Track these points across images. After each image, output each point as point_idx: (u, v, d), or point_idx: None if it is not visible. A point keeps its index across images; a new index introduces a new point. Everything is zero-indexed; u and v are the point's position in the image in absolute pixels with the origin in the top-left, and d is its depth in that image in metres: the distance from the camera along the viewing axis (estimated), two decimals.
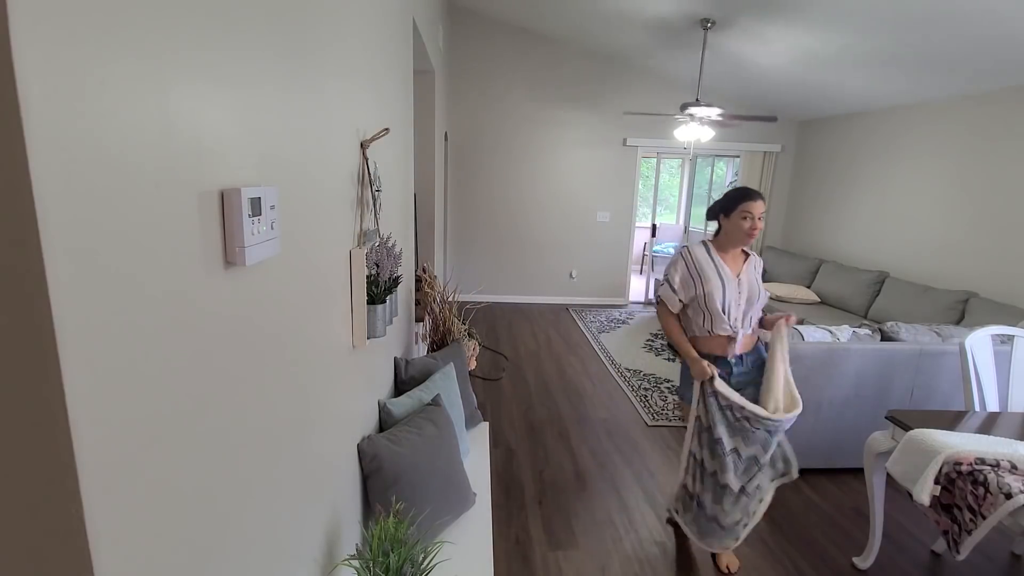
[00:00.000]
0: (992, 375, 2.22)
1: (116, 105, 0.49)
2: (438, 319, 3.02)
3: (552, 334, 5.22)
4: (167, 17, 0.56)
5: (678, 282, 2.11)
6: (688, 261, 2.11)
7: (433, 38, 3.67)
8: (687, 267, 2.11)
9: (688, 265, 2.11)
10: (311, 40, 1.04)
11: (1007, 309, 3.53)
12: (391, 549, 1.13)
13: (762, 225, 2.03)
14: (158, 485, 0.57)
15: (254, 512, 0.81)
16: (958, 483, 1.65)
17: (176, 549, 0.60)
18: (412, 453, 1.56)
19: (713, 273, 2.06)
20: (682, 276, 2.11)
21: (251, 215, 0.73)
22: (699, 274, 2.08)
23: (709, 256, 2.11)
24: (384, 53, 1.85)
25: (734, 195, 2.05)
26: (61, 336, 0.43)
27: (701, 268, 2.07)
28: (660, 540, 2.30)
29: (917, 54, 3.60)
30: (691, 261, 2.11)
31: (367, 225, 1.55)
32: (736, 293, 2.06)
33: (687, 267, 2.11)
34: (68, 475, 0.45)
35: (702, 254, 2.11)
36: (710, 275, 2.07)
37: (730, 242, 2.09)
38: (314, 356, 1.11)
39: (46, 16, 0.41)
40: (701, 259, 2.10)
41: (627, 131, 6.07)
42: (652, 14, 4.21)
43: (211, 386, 0.68)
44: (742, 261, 2.14)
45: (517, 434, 3.20)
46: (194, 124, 0.62)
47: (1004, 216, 3.81)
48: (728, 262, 2.10)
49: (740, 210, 2.00)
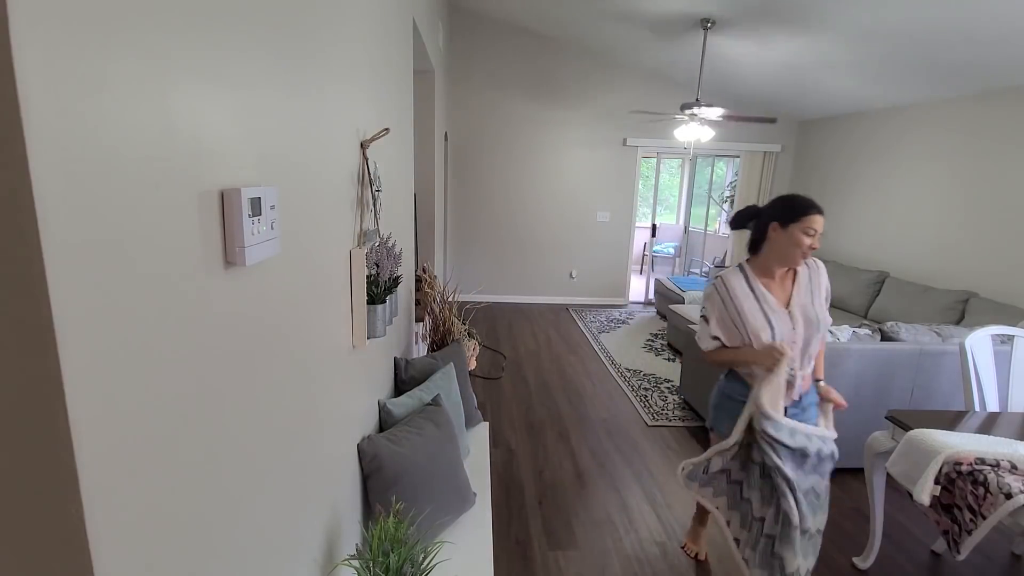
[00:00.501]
0: (992, 375, 2.22)
1: (116, 105, 0.49)
2: (438, 319, 3.02)
3: (552, 334, 5.22)
4: (167, 17, 0.56)
5: (715, 323, 1.77)
6: (724, 298, 1.72)
7: (433, 38, 3.67)
8: (724, 305, 1.73)
9: (725, 303, 1.73)
10: (311, 40, 1.04)
11: (1007, 309, 3.53)
12: (391, 549, 1.13)
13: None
14: (158, 485, 0.57)
15: (254, 512, 0.81)
16: (958, 483, 1.65)
17: (176, 549, 0.60)
18: (412, 453, 1.56)
19: (755, 311, 1.68)
20: (720, 317, 1.75)
21: (251, 215, 0.73)
22: (738, 314, 1.69)
23: (749, 287, 1.71)
24: (384, 53, 1.85)
25: (799, 203, 1.64)
26: (61, 336, 0.43)
27: (740, 307, 1.69)
28: (660, 540, 2.30)
29: (917, 56, 3.60)
30: (727, 298, 1.71)
31: (367, 225, 1.55)
32: (788, 329, 1.68)
33: (724, 305, 1.73)
34: (68, 475, 0.45)
35: (739, 286, 1.71)
36: (752, 315, 1.68)
37: (778, 260, 1.69)
38: (314, 356, 1.11)
39: (46, 16, 0.41)
40: (739, 294, 1.70)
41: (627, 131, 6.07)
42: (652, 14, 4.21)
43: (211, 386, 0.68)
44: (790, 282, 1.75)
45: (517, 434, 3.20)
46: (194, 124, 0.62)
47: (1004, 216, 3.81)
48: (774, 288, 1.72)
49: (804, 223, 1.61)
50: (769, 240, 1.69)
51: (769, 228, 1.68)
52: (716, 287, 1.75)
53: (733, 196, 7.12)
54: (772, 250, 1.69)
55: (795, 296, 1.72)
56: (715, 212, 8.05)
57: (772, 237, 1.68)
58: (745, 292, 1.71)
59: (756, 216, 1.75)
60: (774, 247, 1.68)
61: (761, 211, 1.72)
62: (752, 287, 1.70)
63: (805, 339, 1.70)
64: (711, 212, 7.76)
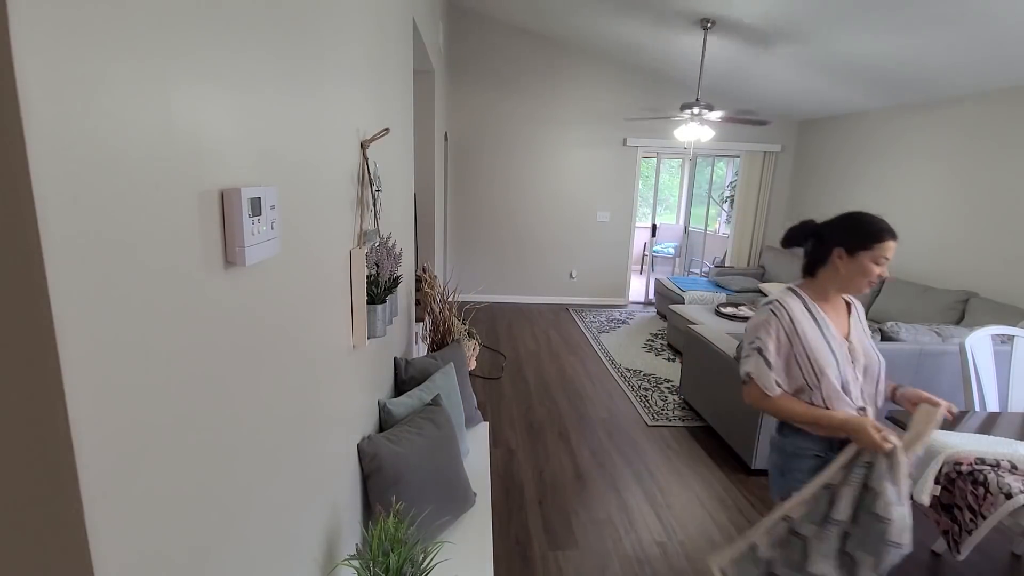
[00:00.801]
0: (992, 375, 2.22)
1: (116, 105, 0.49)
2: (438, 319, 3.02)
3: (552, 334, 5.22)
4: (167, 17, 0.56)
5: (773, 353, 1.45)
6: (787, 326, 1.45)
7: (433, 38, 3.67)
8: (787, 336, 1.45)
9: (789, 333, 1.45)
10: (311, 40, 1.04)
11: (1007, 309, 3.53)
12: (391, 549, 1.13)
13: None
14: (158, 485, 0.57)
15: (254, 512, 0.81)
16: (958, 483, 1.65)
17: (176, 549, 0.60)
18: (412, 453, 1.56)
19: (820, 341, 1.44)
20: (778, 350, 1.46)
21: (251, 215, 0.73)
22: (803, 344, 1.43)
23: (809, 313, 1.47)
24: (384, 53, 1.85)
25: (871, 228, 1.41)
26: (61, 336, 0.43)
27: (804, 336, 1.44)
28: (660, 540, 2.30)
29: (918, 55, 3.60)
30: (790, 327, 1.45)
31: (367, 225, 1.55)
32: (848, 363, 1.45)
33: (787, 336, 1.45)
34: (68, 475, 0.45)
35: (800, 310, 1.46)
36: (816, 345, 1.43)
37: (838, 288, 1.49)
38: (314, 356, 1.11)
39: (46, 16, 0.41)
40: (801, 320, 1.45)
41: (627, 131, 6.07)
42: (652, 14, 4.21)
43: (211, 386, 0.68)
44: (845, 313, 1.54)
45: (517, 434, 3.20)
46: (194, 124, 0.62)
47: (1004, 216, 3.81)
48: (832, 317, 1.49)
49: (876, 251, 1.40)
50: (831, 265, 1.46)
51: (833, 254, 1.46)
52: (775, 312, 1.46)
53: (733, 196, 7.12)
54: (833, 277, 1.47)
55: (852, 330, 1.50)
56: (715, 212, 8.05)
57: (836, 264, 1.45)
58: (807, 318, 1.46)
59: (816, 235, 1.51)
60: (837, 275, 1.46)
61: (822, 231, 1.49)
62: (813, 314, 1.47)
63: (867, 375, 1.48)
64: (711, 212, 7.76)
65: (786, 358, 1.46)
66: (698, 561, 2.18)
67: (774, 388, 1.46)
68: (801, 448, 1.52)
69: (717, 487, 2.71)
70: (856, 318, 1.55)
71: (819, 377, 1.43)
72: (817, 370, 1.43)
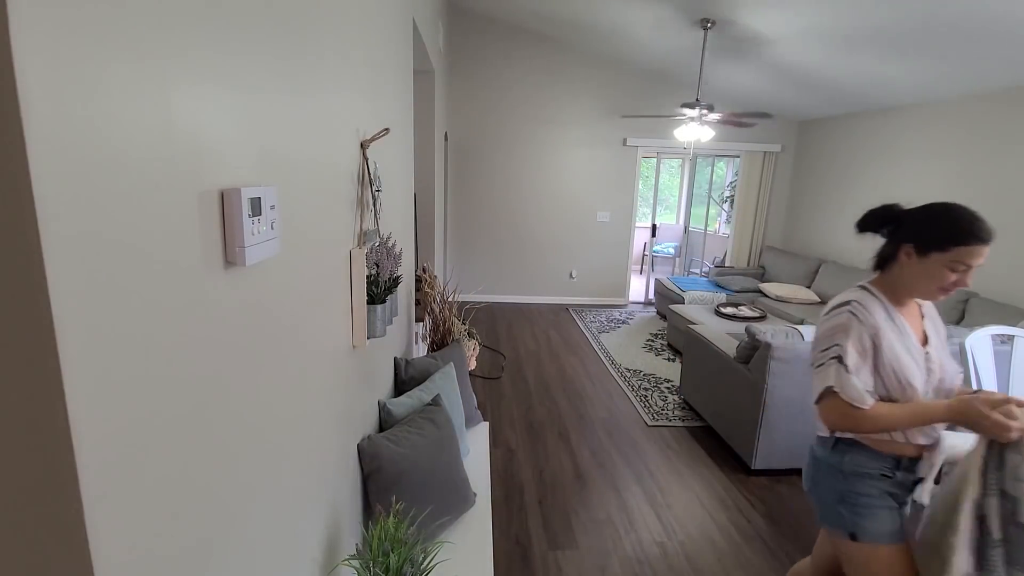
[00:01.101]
0: (992, 375, 2.22)
1: (116, 105, 0.49)
2: (438, 319, 3.02)
3: (552, 334, 5.22)
4: (167, 17, 0.56)
5: (857, 360, 1.24)
6: (869, 328, 1.24)
7: (433, 38, 3.67)
8: (869, 338, 1.24)
9: (871, 335, 1.24)
10: (311, 40, 1.04)
11: (1007, 309, 3.53)
12: (391, 549, 1.13)
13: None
14: (158, 485, 0.57)
15: (254, 512, 0.81)
16: None
17: (176, 549, 0.60)
18: (412, 453, 1.56)
19: (901, 347, 1.25)
20: (863, 354, 1.24)
21: (251, 215, 0.73)
22: (888, 353, 1.23)
23: (890, 317, 1.27)
24: (384, 53, 1.85)
25: (955, 225, 1.19)
26: (61, 336, 0.43)
27: (891, 344, 1.24)
28: (660, 540, 2.30)
29: (917, 40, 3.60)
30: (874, 331, 1.24)
31: (367, 225, 1.55)
32: (924, 373, 1.26)
33: (869, 338, 1.24)
34: (68, 475, 0.45)
35: (880, 313, 1.26)
36: (900, 351, 1.24)
37: (907, 291, 1.28)
38: (314, 356, 1.11)
39: (46, 16, 0.41)
40: (882, 326, 1.25)
41: (627, 131, 6.07)
42: (652, 14, 4.21)
43: (211, 386, 0.68)
44: (919, 317, 1.34)
45: (517, 434, 3.20)
46: (194, 124, 0.62)
47: (1004, 216, 3.81)
48: (909, 321, 1.30)
49: (955, 253, 1.18)
50: (898, 263, 1.27)
51: (901, 250, 1.26)
52: (855, 314, 1.24)
53: (733, 196, 7.12)
54: (899, 277, 1.27)
55: (929, 334, 1.31)
56: (715, 212, 8.05)
57: (903, 262, 1.25)
58: (888, 322, 1.26)
59: (895, 222, 1.29)
60: (902, 274, 1.26)
61: (902, 218, 1.28)
62: (893, 318, 1.26)
63: (939, 388, 1.29)
64: (711, 212, 7.76)
65: (867, 359, 1.25)
66: (698, 561, 2.18)
67: (866, 399, 1.22)
68: (866, 467, 1.30)
69: (717, 487, 2.71)
70: (930, 323, 1.34)
71: (906, 389, 1.22)
72: (905, 382, 1.22)
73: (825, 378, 1.26)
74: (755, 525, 2.42)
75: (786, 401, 2.70)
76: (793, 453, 2.78)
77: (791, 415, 2.72)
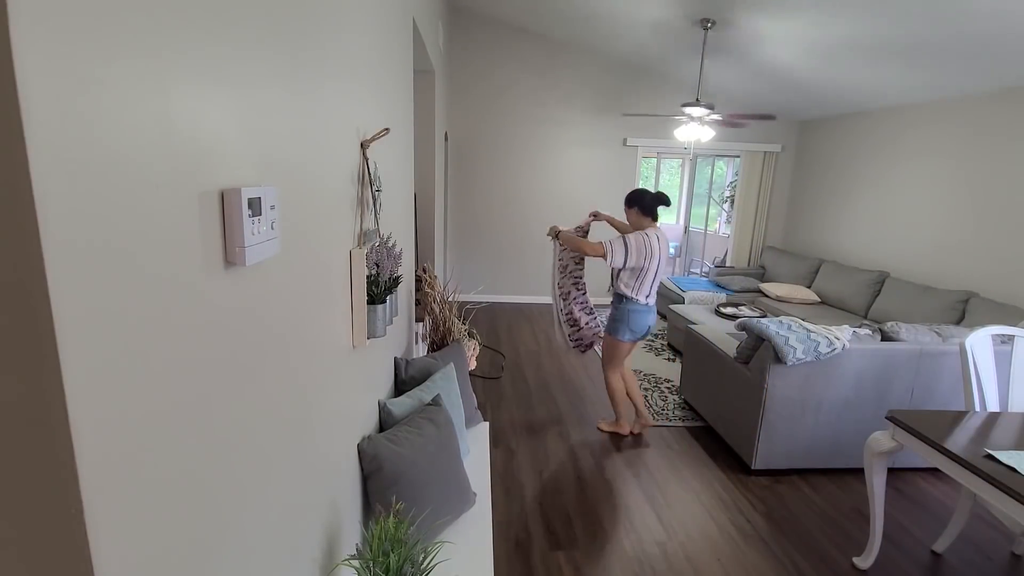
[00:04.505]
0: (992, 375, 2.22)
1: (116, 105, 0.49)
2: (438, 319, 3.02)
3: (552, 334, 5.22)
4: (167, 17, 0.56)
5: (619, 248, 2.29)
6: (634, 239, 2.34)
7: (433, 38, 3.67)
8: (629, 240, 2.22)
9: (631, 240, 2.14)
10: (311, 40, 1.04)
11: (1007, 309, 3.53)
12: (391, 549, 1.13)
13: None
14: (158, 485, 0.57)
15: (254, 512, 0.81)
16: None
17: (176, 549, 0.60)
18: (412, 453, 1.56)
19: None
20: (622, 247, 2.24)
21: (251, 215, 0.73)
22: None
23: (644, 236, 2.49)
24: (384, 53, 1.85)
25: (645, 199, 2.22)
26: (61, 336, 0.43)
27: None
28: (660, 540, 2.30)
29: (918, 46, 3.60)
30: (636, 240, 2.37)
31: (367, 225, 1.55)
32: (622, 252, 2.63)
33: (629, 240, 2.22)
34: (68, 475, 0.45)
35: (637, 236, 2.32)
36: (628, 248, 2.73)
37: (634, 227, 2.25)
38: (314, 356, 1.11)
39: (46, 16, 0.41)
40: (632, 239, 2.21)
41: (627, 131, 6.07)
42: (652, 14, 4.21)
43: (211, 386, 0.68)
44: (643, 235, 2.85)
45: (517, 434, 3.20)
46: (194, 124, 0.62)
47: (1004, 216, 3.81)
48: (634, 237, 2.18)
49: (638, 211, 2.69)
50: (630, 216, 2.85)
51: (631, 210, 3.04)
52: (636, 236, 2.75)
53: (733, 196, 7.12)
54: (631, 221, 2.59)
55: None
56: (715, 212, 8.05)
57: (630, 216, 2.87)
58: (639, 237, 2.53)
59: (638, 201, 2.85)
60: (630, 219, 2.60)
61: (636, 198, 2.45)
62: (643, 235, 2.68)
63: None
64: (711, 212, 7.76)
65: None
66: (698, 561, 2.18)
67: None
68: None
69: (717, 487, 2.71)
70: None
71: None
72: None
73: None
74: (755, 525, 2.42)
75: (786, 401, 2.70)
76: (793, 453, 2.78)
77: (791, 415, 2.72)
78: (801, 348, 2.58)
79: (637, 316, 3.00)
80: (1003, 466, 1.63)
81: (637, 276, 2.89)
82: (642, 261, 2.83)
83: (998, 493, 1.56)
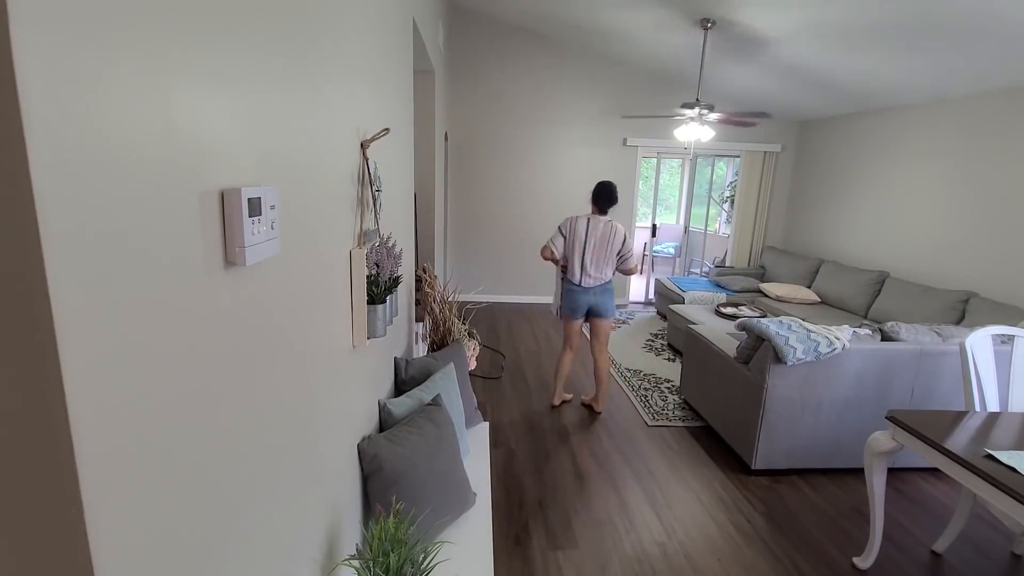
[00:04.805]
0: (992, 375, 2.22)
1: (116, 105, 0.49)
2: (438, 319, 3.02)
3: (552, 334, 5.22)
4: (167, 17, 0.56)
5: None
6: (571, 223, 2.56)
7: (433, 38, 3.67)
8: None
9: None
10: (311, 40, 1.04)
11: (1007, 309, 3.53)
12: (391, 549, 1.13)
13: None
14: (158, 485, 0.57)
15: (254, 512, 0.81)
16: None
17: (176, 549, 0.60)
18: (412, 453, 1.56)
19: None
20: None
21: (251, 215, 0.73)
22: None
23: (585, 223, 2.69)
24: (384, 53, 1.85)
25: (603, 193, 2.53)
26: (61, 336, 0.43)
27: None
28: (660, 540, 2.30)
29: (917, 40, 3.60)
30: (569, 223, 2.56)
31: (367, 225, 1.55)
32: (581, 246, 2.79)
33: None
34: (68, 475, 0.45)
35: (583, 222, 2.50)
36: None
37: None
38: (314, 356, 1.11)
39: (46, 16, 0.41)
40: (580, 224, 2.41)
41: (627, 131, 6.06)
42: (653, 14, 4.21)
43: (211, 386, 0.68)
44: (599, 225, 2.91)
45: (517, 434, 3.20)
46: (194, 124, 0.62)
47: (1004, 216, 3.81)
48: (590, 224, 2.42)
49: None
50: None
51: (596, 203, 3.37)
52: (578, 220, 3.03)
53: (733, 196, 7.12)
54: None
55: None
56: (715, 212, 8.05)
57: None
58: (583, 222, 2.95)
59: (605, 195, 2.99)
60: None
61: (602, 192, 2.59)
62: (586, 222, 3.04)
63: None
64: (711, 212, 7.76)
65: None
66: (698, 561, 2.18)
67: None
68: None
69: (717, 487, 2.71)
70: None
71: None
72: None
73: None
74: (755, 525, 2.42)
75: (786, 401, 2.70)
76: (793, 453, 2.78)
77: (791, 415, 2.72)
78: (801, 348, 2.58)
79: (569, 295, 3.33)
80: (1003, 466, 1.63)
81: (567, 256, 3.30)
82: (568, 239, 3.26)
83: (998, 493, 1.56)
